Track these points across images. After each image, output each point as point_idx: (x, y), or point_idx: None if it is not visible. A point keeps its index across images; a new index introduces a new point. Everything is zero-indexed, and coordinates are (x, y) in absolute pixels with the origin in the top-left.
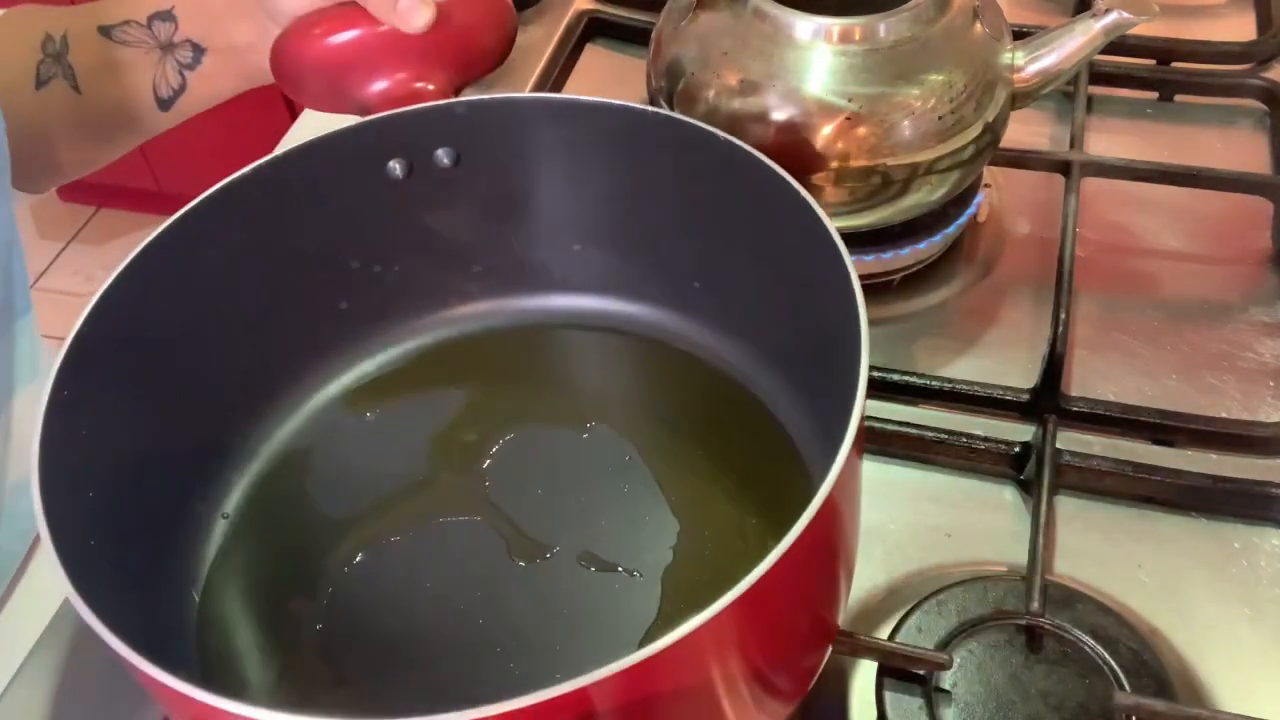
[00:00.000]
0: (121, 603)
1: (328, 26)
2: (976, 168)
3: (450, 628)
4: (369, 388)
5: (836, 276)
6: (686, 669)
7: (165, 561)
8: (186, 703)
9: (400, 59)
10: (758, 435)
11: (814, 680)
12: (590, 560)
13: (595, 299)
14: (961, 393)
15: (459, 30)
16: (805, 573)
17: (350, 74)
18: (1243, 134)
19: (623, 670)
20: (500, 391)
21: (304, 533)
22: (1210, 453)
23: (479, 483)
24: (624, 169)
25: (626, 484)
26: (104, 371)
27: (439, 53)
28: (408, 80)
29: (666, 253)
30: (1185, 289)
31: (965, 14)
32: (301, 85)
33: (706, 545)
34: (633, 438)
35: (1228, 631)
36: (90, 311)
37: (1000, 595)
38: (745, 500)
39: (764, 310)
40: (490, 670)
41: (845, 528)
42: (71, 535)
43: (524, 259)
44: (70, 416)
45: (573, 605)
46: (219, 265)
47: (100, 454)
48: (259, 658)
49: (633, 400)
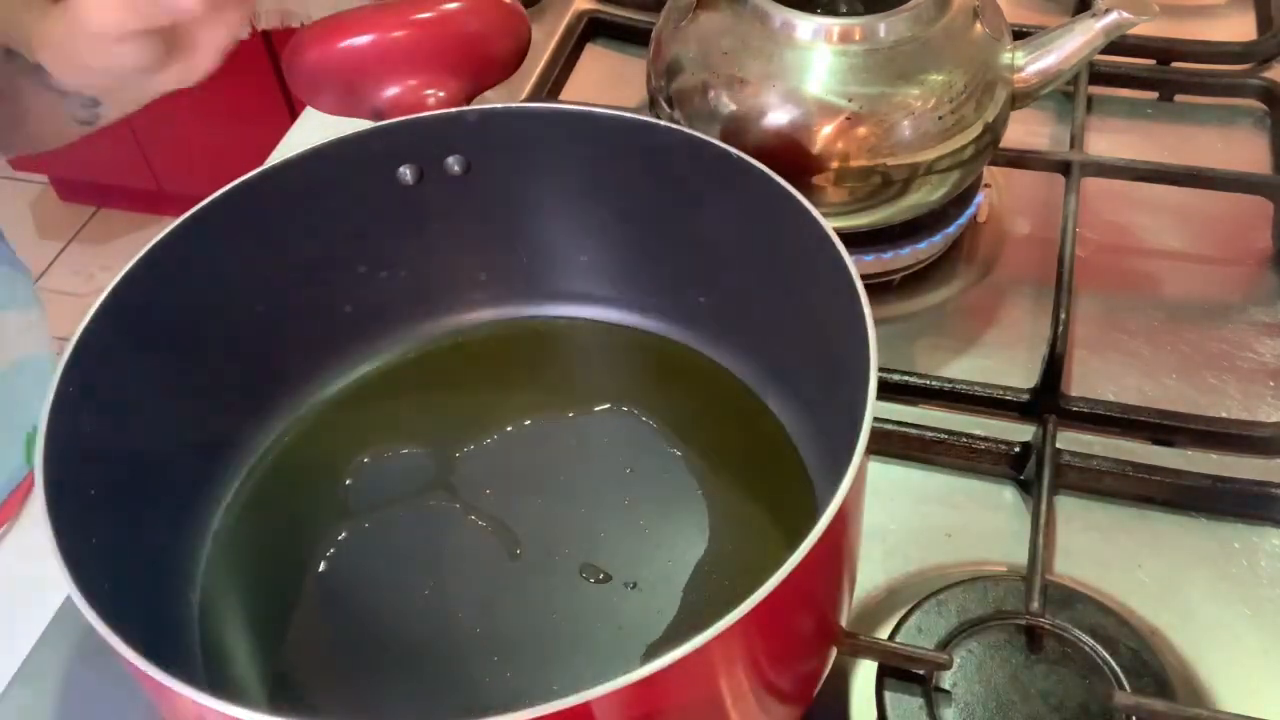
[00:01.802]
0: (122, 602)
1: (342, 31)
2: (976, 168)
3: (448, 634)
4: (370, 390)
5: (841, 287)
6: (696, 682)
7: (166, 561)
8: (185, 704)
9: (413, 65)
10: (763, 444)
11: (819, 685)
12: (590, 570)
13: (600, 309)
14: (961, 393)
15: (471, 38)
16: (815, 582)
17: (363, 79)
18: (1243, 134)
19: (631, 684)
20: (502, 399)
21: (303, 535)
22: (1210, 453)
23: (480, 489)
24: (634, 181)
25: (627, 496)
26: (109, 368)
27: (451, 60)
28: (419, 87)
29: (673, 264)
30: (1185, 289)
31: (965, 14)
32: (314, 88)
33: (710, 555)
34: (636, 447)
35: (1228, 631)
36: (97, 309)
37: (1000, 595)
38: (751, 509)
39: (770, 321)
40: (487, 679)
41: (853, 535)
42: (73, 535)
43: (531, 268)
44: (74, 413)
45: (572, 616)
46: (226, 265)
47: (103, 450)
48: (258, 659)
49: (636, 410)
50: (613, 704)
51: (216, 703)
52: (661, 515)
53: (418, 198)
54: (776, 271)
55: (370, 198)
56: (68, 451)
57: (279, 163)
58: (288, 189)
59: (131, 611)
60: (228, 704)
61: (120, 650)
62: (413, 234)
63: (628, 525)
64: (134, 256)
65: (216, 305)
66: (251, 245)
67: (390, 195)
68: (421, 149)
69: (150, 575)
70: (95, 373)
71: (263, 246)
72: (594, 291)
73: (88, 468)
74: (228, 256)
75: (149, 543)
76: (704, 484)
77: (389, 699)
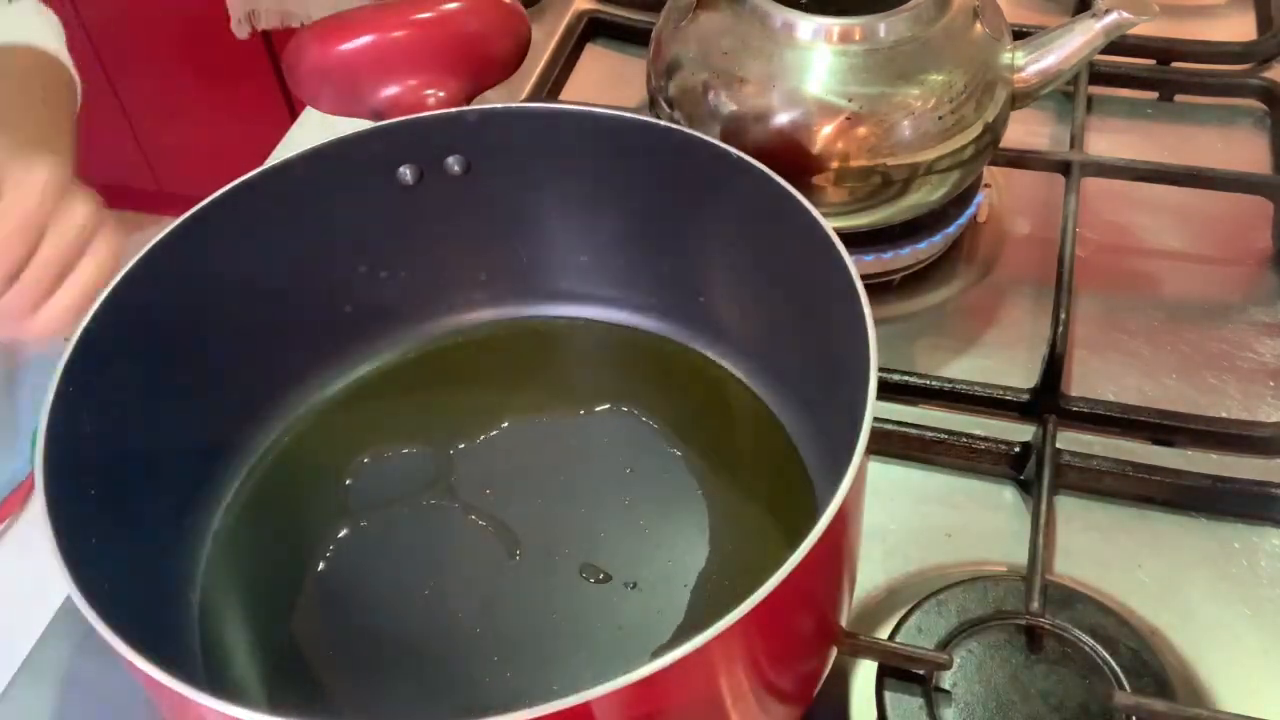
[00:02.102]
0: (122, 602)
1: (343, 32)
2: (976, 168)
3: (448, 634)
4: (370, 390)
5: (841, 287)
6: (696, 682)
7: (166, 561)
8: (185, 704)
9: (413, 65)
10: (763, 444)
11: (819, 685)
12: (590, 570)
13: (600, 309)
14: (961, 393)
15: (471, 38)
16: (815, 582)
17: (363, 79)
18: (1243, 134)
19: (631, 684)
20: (502, 399)
21: (303, 535)
22: (1210, 452)
23: (480, 489)
24: (635, 181)
25: (627, 496)
26: (109, 368)
27: (451, 60)
28: (419, 87)
29: (673, 264)
30: (1185, 289)
31: (965, 14)
32: (315, 88)
33: (710, 555)
34: (636, 447)
35: (1228, 631)
36: (98, 309)
37: (1000, 595)
38: (752, 509)
39: (770, 321)
40: (487, 679)
41: (853, 535)
42: (73, 534)
43: (531, 268)
44: (74, 412)
45: (571, 616)
46: (226, 265)
47: (103, 450)
48: (257, 658)
49: (636, 410)
50: (613, 704)
51: (216, 703)
52: (662, 515)
53: (417, 198)
54: (776, 271)
55: (370, 198)
56: (68, 451)
57: (279, 163)
58: (288, 189)
59: (131, 611)
60: (228, 704)
61: (120, 650)
62: (413, 234)
63: (628, 525)
64: (134, 256)
65: (216, 305)
66: (252, 245)
67: (390, 195)
68: (421, 149)
69: (150, 575)
70: (95, 373)
71: (263, 246)
72: (594, 292)
73: (88, 467)
74: (228, 256)
75: (149, 543)
76: (704, 484)
77: (389, 699)
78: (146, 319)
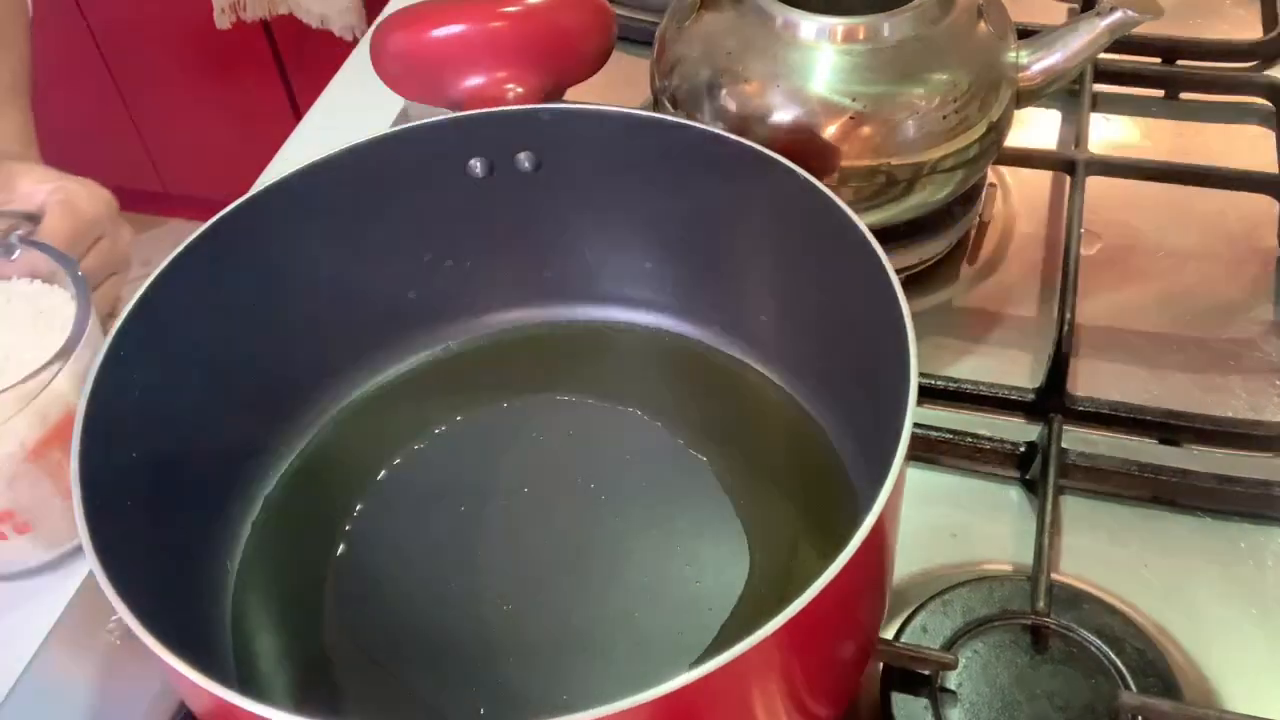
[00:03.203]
0: (155, 603)
1: (433, 19)
2: (981, 167)
3: (476, 636)
4: (406, 389)
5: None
6: (727, 697)
7: (198, 562)
8: (217, 703)
9: (498, 58)
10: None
11: (853, 697)
12: (619, 580)
13: (660, 317)
14: (966, 392)
15: (561, 33)
16: (852, 593)
17: (447, 67)
18: (1249, 132)
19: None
20: (552, 398)
21: (337, 530)
22: (1216, 452)
23: (515, 491)
24: (702, 192)
25: (663, 506)
26: (164, 335)
27: (538, 55)
28: (502, 80)
29: (737, 281)
30: (1191, 287)
31: (969, 13)
32: (397, 74)
33: (748, 571)
34: (673, 456)
35: (1235, 631)
36: (159, 274)
37: (1006, 595)
38: (791, 523)
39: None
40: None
41: (891, 540)
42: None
43: (595, 270)
44: (124, 374)
45: (596, 624)
46: (293, 243)
47: (138, 453)
48: (286, 658)
49: (686, 419)
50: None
51: (249, 703)
52: (696, 527)
53: (487, 190)
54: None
55: (440, 187)
56: (102, 451)
57: (351, 146)
58: (356, 173)
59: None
60: (259, 704)
61: (157, 651)
62: (481, 226)
63: (662, 536)
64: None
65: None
66: (318, 228)
67: (460, 186)
68: (494, 143)
69: (183, 576)
70: (150, 337)
71: (329, 229)
72: (657, 299)
73: (121, 468)
74: (294, 235)
75: (181, 544)
76: (741, 496)
77: (417, 701)
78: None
